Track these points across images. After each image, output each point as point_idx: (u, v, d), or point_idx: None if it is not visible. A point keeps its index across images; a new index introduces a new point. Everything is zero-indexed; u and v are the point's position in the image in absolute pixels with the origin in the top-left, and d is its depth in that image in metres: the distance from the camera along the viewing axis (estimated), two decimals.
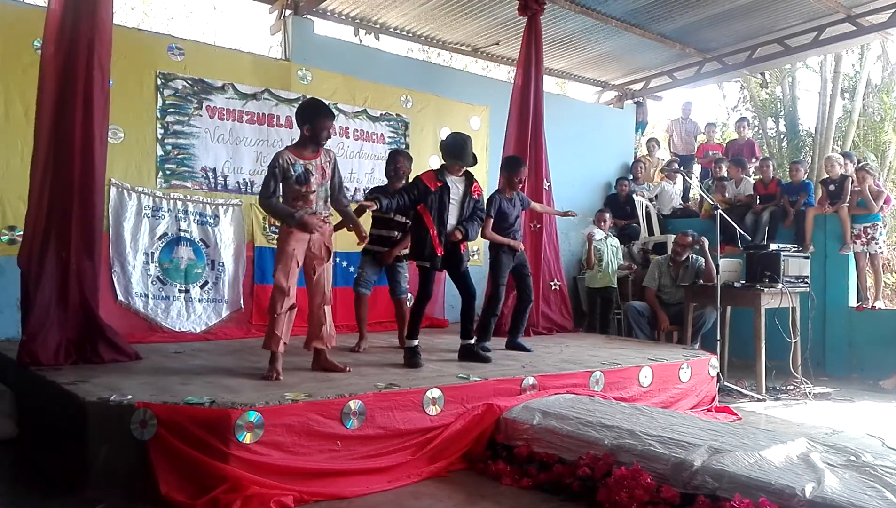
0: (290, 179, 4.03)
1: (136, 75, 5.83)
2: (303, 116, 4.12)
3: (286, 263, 4.01)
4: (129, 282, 5.76)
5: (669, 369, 5.11)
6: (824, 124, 12.57)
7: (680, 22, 7.86)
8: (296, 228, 4.03)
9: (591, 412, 3.80)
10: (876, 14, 7.59)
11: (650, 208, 9.00)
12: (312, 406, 3.34)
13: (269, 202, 4.06)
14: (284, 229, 4.08)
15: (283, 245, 4.06)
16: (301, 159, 4.07)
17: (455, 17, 7.64)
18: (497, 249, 5.39)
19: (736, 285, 6.22)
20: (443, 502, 3.20)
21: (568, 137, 8.60)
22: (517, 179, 5.48)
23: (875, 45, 11.97)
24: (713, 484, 2.89)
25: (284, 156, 4.06)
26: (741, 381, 6.16)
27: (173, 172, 6.06)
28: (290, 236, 4.03)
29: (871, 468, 2.93)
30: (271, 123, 6.59)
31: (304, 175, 4.05)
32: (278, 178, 4.03)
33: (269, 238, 6.51)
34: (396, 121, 7.45)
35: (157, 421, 3.04)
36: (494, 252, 5.42)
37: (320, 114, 4.12)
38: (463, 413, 3.83)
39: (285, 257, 4.02)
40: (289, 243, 4.02)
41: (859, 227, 7.16)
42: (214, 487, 2.97)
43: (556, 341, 6.25)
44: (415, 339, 4.62)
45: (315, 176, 4.08)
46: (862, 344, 7.03)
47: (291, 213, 4.03)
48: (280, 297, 3.98)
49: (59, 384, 3.50)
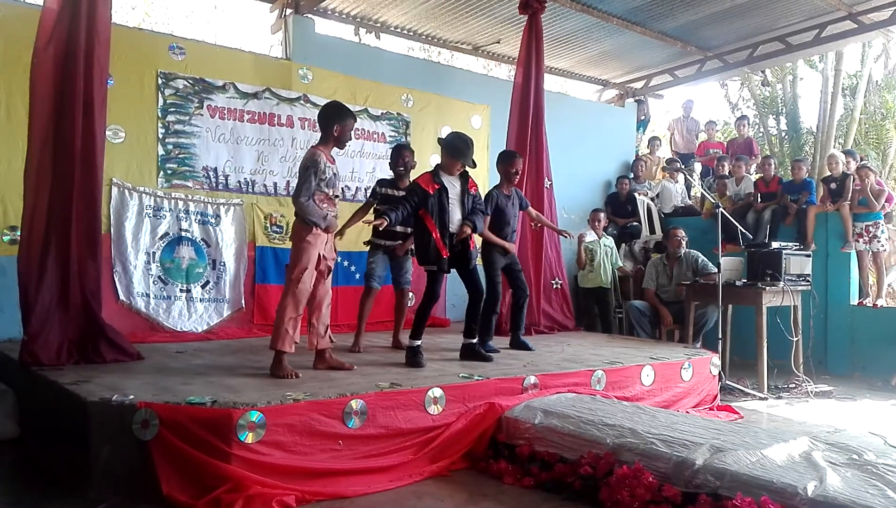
0: (323, 182, 4.03)
1: (137, 75, 5.82)
2: (332, 117, 4.13)
3: (308, 263, 4.00)
4: (131, 282, 5.76)
5: (671, 368, 5.11)
6: (826, 122, 12.56)
7: (681, 20, 7.85)
8: (323, 231, 4.05)
9: (593, 411, 3.80)
10: (877, 11, 7.57)
11: (651, 206, 8.99)
12: (314, 406, 3.34)
13: (306, 202, 3.99)
14: (307, 230, 4.02)
15: (307, 247, 4.01)
16: (331, 162, 4.11)
17: (456, 16, 7.63)
18: (490, 248, 5.38)
19: (737, 284, 6.21)
20: (444, 501, 3.20)
21: (569, 135, 8.59)
22: (512, 169, 5.42)
23: (876, 43, 11.96)
24: (715, 483, 2.89)
25: (322, 157, 4.05)
26: (743, 380, 6.16)
27: (174, 171, 6.06)
28: (317, 238, 4.03)
29: (873, 466, 2.93)
30: (272, 122, 6.58)
31: (334, 179, 4.10)
32: (317, 178, 4.01)
33: (270, 238, 6.51)
34: (397, 120, 7.44)
35: (158, 421, 3.04)
36: (487, 251, 5.40)
37: (350, 115, 4.19)
38: (465, 413, 3.83)
39: (311, 259, 4.01)
40: (315, 245, 4.02)
41: (861, 225, 7.15)
42: (216, 487, 2.97)
43: (558, 339, 6.25)
44: (418, 339, 4.61)
45: (338, 182, 4.15)
46: (864, 342, 7.02)
47: (325, 215, 4.05)
48: (303, 299, 4.00)
49: (61, 384, 3.50)
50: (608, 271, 7.63)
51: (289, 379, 3.87)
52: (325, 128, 4.14)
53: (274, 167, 6.56)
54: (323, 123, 4.16)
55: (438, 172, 4.65)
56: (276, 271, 6.39)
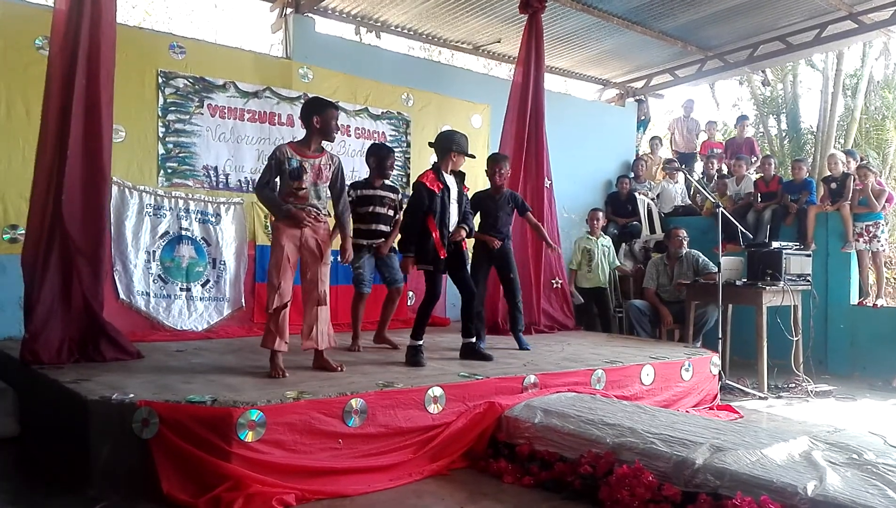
0: (284, 174, 4.06)
1: (138, 74, 5.82)
2: (311, 109, 4.15)
3: (277, 258, 4.02)
4: (131, 281, 5.76)
5: (671, 367, 5.11)
6: (826, 122, 12.55)
7: (682, 19, 7.85)
8: (283, 220, 4.04)
9: (593, 411, 3.80)
10: (878, 11, 7.57)
11: (652, 206, 8.99)
12: (314, 405, 3.34)
13: (262, 192, 4.12)
14: (276, 224, 4.09)
15: (274, 241, 4.08)
16: (299, 156, 4.08)
17: (456, 15, 7.63)
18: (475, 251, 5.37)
19: (738, 284, 6.21)
20: (444, 500, 3.20)
21: (569, 135, 8.59)
22: (492, 171, 5.41)
23: (877, 43, 11.95)
24: (715, 482, 2.89)
25: (282, 149, 4.10)
26: (743, 379, 6.16)
27: (175, 170, 6.06)
28: (280, 231, 4.05)
29: (872, 466, 2.93)
30: (273, 121, 6.58)
31: (298, 171, 4.05)
32: (274, 170, 4.07)
33: (270, 237, 6.50)
34: (398, 119, 7.44)
35: (158, 420, 3.04)
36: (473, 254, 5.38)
37: (328, 105, 4.21)
38: (464, 412, 3.83)
39: (276, 252, 4.04)
40: (280, 238, 4.04)
41: (861, 225, 7.14)
42: (216, 485, 2.97)
43: (558, 339, 6.25)
44: (419, 339, 4.61)
45: (309, 174, 4.08)
46: (864, 342, 7.02)
47: (280, 204, 4.05)
48: (270, 293, 3.99)
49: (61, 383, 3.50)
50: (606, 272, 7.63)
51: (279, 378, 3.87)
52: (306, 123, 4.16)
53: None
54: (304, 117, 4.18)
55: (440, 172, 4.63)
56: None
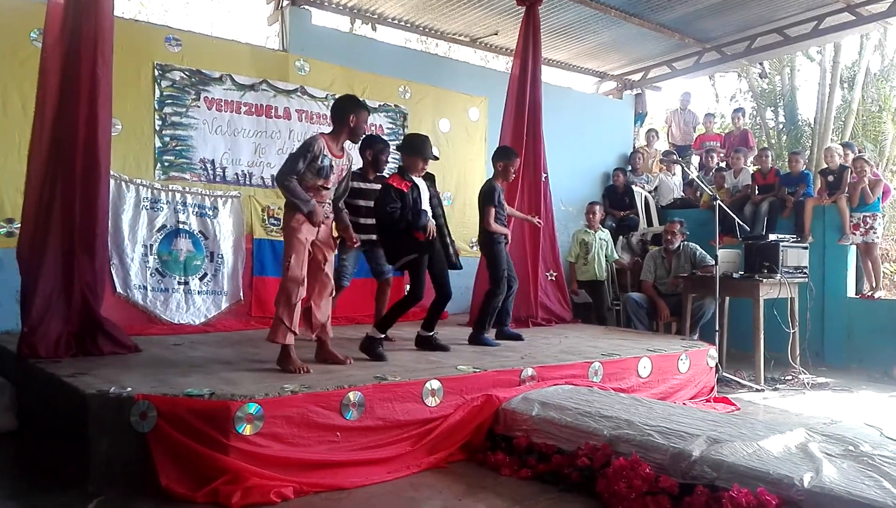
0: (314, 169, 3.94)
1: (134, 67, 5.80)
2: (349, 107, 4.08)
3: (301, 252, 3.91)
4: (128, 274, 5.76)
5: (668, 359, 5.12)
6: (823, 114, 12.53)
7: (679, 11, 7.83)
8: (306, 216, 3.91)
9: (590, 403, 3.81)
10: (875, 3, 7.56)
11: (649, 198, 8.99)
12: (312, 398, 3.34)
13: (289, 181, 3.89)
14: (293, 217, 3.93)
15: (294, 234, 3.91)
16: (330, 154, 4.01)
17: (453, 7, 7.60)
18: (494, 240, 5.38)
19: (735, 276, 6.22)
20: (442, 493, 3.21)
21: (566, 127, 8.58)
22: (511, 169, 5.52)
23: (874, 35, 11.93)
24: (712, 474, 2.90)
25: (320, 144, 3.95)
26: (740, 371, 6.17)
27: (171, 163, 6.05)
28: (302, 225, 3.93)
29: (869, 457, 2.94)
30: (269, 114, 6.57)
31: (327, 170, 3.97)
32: (307, 161, 3.91)
33: (267, 230, 6.50)
34: (395, 112, 7.43)
35: (156, 413, 3.04)
36: (491, 244, 5.39)
37: (365, 107, 4.18)
38: (462, 405, 3.83)
39: (299, 246, 3.91)
40: (301, 231, 3.91)
41: (858, 216, 7.14)
42: (214, 478, 2.98)
43: (555, 331, 6.26)
44: (382, 332, 4.57)
45: (334, 175, 4.04)
46: (861, 334, 7.03)
47: (307, 199, 3.91)
48: (294, 288, 3.86)
49: (59, 377, 3.50)
50: (603, 265, 7.64)
51: (298, 374, 3.78)
52: (341, 118, 4.06)
53: (271, 159, 6.54)
54: (338, 113, 4.08)
55: (405, 172, 4.63)
56: (274, 263, 6.37)
